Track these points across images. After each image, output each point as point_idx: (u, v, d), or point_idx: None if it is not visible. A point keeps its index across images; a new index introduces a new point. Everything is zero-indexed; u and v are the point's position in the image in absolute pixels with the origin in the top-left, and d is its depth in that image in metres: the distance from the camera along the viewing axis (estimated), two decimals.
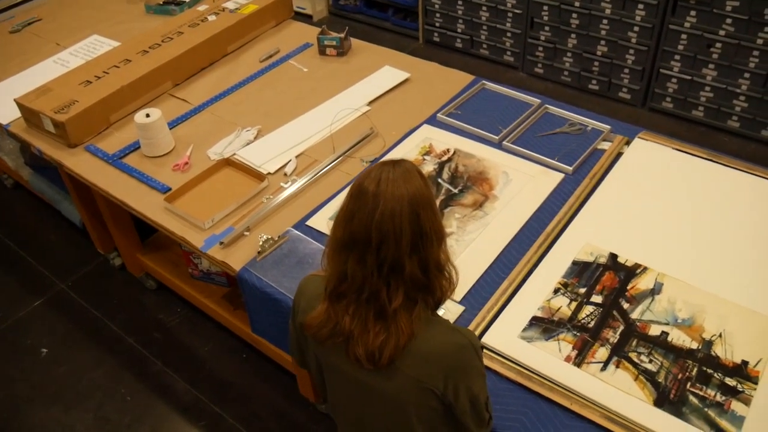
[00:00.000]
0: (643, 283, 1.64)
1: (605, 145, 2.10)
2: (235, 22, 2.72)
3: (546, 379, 1.44)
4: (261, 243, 1.81)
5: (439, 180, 2.01)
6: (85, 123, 2.26)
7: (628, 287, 1.63)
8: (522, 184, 1.97)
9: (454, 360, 1.15)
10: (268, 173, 2.07)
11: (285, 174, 2.08)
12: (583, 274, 1.67)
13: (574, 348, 1.50)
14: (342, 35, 2.64)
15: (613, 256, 1.72)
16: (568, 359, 1.48)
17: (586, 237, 1.77)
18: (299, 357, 1.41)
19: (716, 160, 2.00)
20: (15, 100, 2.34)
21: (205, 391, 2.33)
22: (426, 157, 2.10)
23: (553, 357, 1.48)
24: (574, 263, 1.70)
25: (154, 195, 2.04)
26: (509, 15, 3.73)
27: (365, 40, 2.78)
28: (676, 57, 3.27)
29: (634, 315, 1.57)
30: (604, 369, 1.46)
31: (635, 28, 3.31)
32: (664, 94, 3.43)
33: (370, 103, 2.37)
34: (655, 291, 1.62)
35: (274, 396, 2.30)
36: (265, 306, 1.76)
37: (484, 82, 2.43)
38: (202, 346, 2.49)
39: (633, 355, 1.48)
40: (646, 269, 1.67)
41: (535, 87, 3.71)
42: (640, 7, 3.23)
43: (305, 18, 4.52)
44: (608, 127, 2.15)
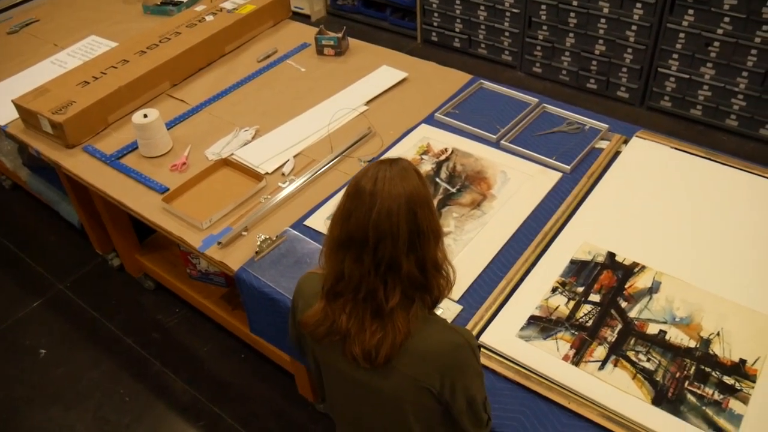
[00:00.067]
0: (641, 282, 1.64)
1: (603, 144, 2.10)
2: (233, 22, 2.72)
3: (544, 378, 1.44)
4: (259, 243, 1.81)
5: (437, 179, 2.01)
6: (82, 124, 2.26)
7: (626, 286, 1.63)
8: (520, 183, 1.97)
9: (450, 359, 1.15)
10: (266, 173, 2.07)
11: (283, 174, 2.08)
12: (581, 273, 1.67)
13: (572, 347, 1.50)
14: (340, 35, 2.64)
15: (611, 255, 1.72)
16: (566, 358, 1.48)
17: (584, 236, 1.77)
18: (299, 351, 1.41)
19: (714, 158, 2.00)
20: (13, 101, 2.34)
21: (204, 391, 2.33)
22: (424, 157, 2.10)
23: (551, 356, 1.48)
24: (572, 262, 1.70)
25: (152, 195, 2.04)
26: (507, 14, 3.73)
27: (363, 40, 2.78)
28: (674, 56, 3.27)
29: (632, 314, 1.57)
30: (602, 368, 1.46)
31: (633, 27, 3.32)
32: (663, 93, 3.43)
33: (367, 102, 2.37)
34: (653, 290, 1.62)
35: (273, 396, 2.30)
36: (263, 306, 1.76)
37: (482, 81, 2.43)
38: (201, 347, 2.49)
39: (631, 354, 1.48)
40: (644, 268, 1.67)
41: (533, 86, 3.71)
42: (638, 6, 3.24)
43: (303, 18, 4.52)
44: (606, 126, 2.15)
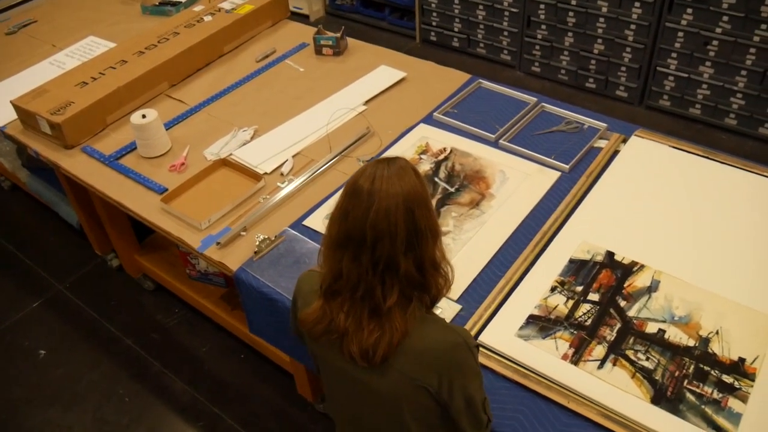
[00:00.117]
0: (640, 281, 1.64)
1: (602, 143, 2.10)
2: (231, 22, 2.72)
3: (543, 378, 1.44)
4: (258, 243, 1.81)
5: (436, 179, 2.01)
6: (81, 124, 2.26)
7: (625, 285, 1.63)
8: (518, 182, 1.97)
9: (447, 358, 1.15)
10: (265, 173, 2.07)
11: (282, 174, 2.08)
12: (579, 272, 1.67)
13: (571, 346, 1.50)
14: (338, 35, 2.64)
15: (610, 254, 1.71)
16: (565, 357, 1.48)
17: (582, 235, 1.77)
18: (302, 343, 1.41)
19: (713, 157, 2.00)
20: (11, 101, 2.34)
21: (204, 392, 2.33)
22: (422, 156, 2.10)
23: (550, 355, 1.48)
24: (571, 261, 1.70)
25: (151, 196, 2.03)
26: (506, 14, 3.73)
27: (362, 40, 2.77)
28: (673, 55, 3.27)
29: (631, 313, 1.57)
30: (601, 367, 1.45)
31: (632, 26, 3.32)
32: (661, 92, 3.43)
33: (366, 102, 2.37)
34: (652, 289, 1.62)
35: (273, 396, 2.30)
36: (262, 306, 1.76)
37: (481, 80, 2.43)
38: (200, 347, 2.49)
39: (630, 353, 1.48)
40: (642, 267, 1.67)
41: (532, 85, 3.72)
42: (637, 5, 3.24)
43: (302, 18, 4.52)
44: (605, 125, 2.15)
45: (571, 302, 1.60)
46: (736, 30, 3.03)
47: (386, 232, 1.06)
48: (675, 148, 2.05)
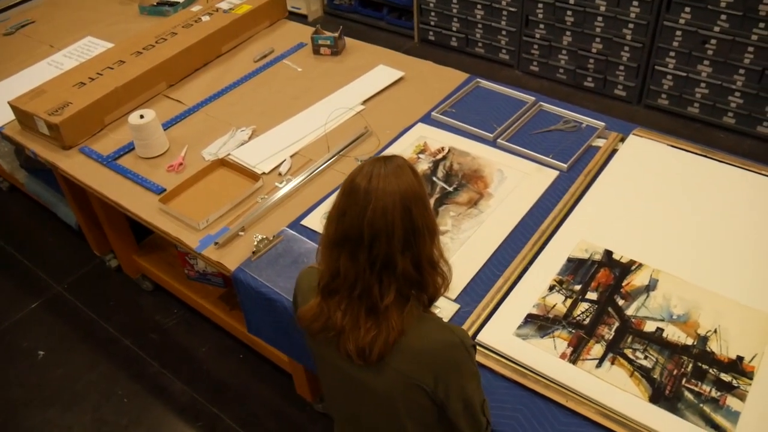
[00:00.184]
0: (638, 280, 1.64)
1: (600, 142, 2.10)
2: (229, 22, 2.72)
3: (541, 377, 1.44)
4: (256, 243, 1.81)
5: (434, 178, 2.01)
6: (79, 125, 2.26)
7: (623, 284, 1.63)
8: (517, 181, 1.97)
9: (444, 357, 1.14)
10: (263, 173, 2.07)
11: (280, 174, 2.08)
12: (578, 271, 1.67)
13: (569, 345, 1.50)
14: (336, 35, 2.64)
15: (608, 253, 1.71)
16: (563, 356, 1.48)
17: (581, 234, 1.77)
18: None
19: (711, 156, 2.00)
20: (9, 102, 2.33)
21: (202, 392, 2.33)
22: (421, 156, 2.10)
23: (548, 354, 1.48)
24: (569, 260, 1.70)
25: (149, 196, 2.03)
26: (504, 13, 3.73)
27: (360, 40, 2.77)
28: (671, 54, 3.27)
29: (629, 311, 1.57)
30: (599, 366, 1.45)
31: (630, 25, 3.32)
32: (660, 91, 3.43)
33: (364, 102, 2.36)
34: (650, 287, 1.62)
35: (271, 396, 2.30)
36: (261, 306, 1.76)
37: (479, 80, 2.43)
38: (199, 347, 2.49)
39: (628, 352, 1.48)
40: (641, 266, 1.67)
41: (530, 85, 3.72)
42: (635, 4, 3.24)
43: (300, 18, 4.52)
44: (603, 124, 2.15)
45: (569, 301, 1.60)
46: (735, 29, 3.03)
47: (383, 230, 1.05)
48: (673, 146, 2.05)
